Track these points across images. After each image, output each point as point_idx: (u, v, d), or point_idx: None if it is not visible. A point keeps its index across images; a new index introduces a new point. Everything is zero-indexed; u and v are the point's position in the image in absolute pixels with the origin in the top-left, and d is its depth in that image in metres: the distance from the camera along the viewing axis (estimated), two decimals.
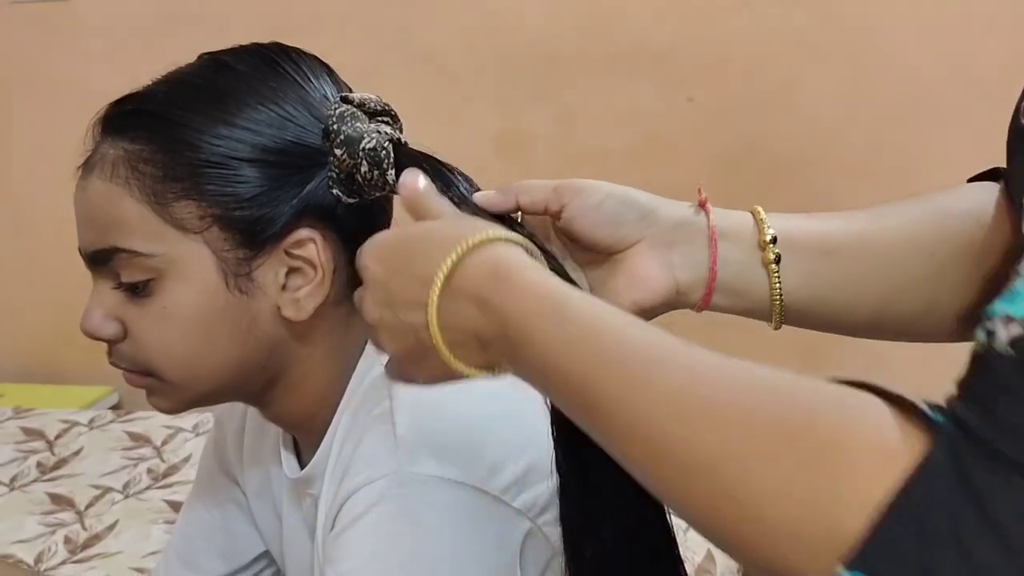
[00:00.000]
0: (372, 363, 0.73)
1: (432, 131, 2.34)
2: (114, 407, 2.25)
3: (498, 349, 0.53)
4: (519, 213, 0.65)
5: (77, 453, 1.87)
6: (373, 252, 0.58)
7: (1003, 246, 0.66)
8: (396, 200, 0.69)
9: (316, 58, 0.74)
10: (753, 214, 0.64)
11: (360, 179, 0.67)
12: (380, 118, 0.69)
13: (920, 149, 1.95)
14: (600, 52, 2.03)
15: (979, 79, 1.89)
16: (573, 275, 0.64)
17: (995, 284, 0.65)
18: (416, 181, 0.60)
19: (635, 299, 0.62)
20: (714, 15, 1.97)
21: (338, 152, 0.67)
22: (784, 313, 0.64)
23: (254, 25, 2.09)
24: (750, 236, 0.63)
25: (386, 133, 0.67)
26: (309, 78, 0.71)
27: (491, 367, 0.55)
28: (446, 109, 2.10)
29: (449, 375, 0.56)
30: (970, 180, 0.72)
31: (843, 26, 1.93)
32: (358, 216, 0.70)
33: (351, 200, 0.69)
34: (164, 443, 1.88)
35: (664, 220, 0.63)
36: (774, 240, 0.63)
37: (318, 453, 0.74)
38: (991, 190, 0.69)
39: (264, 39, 0.74)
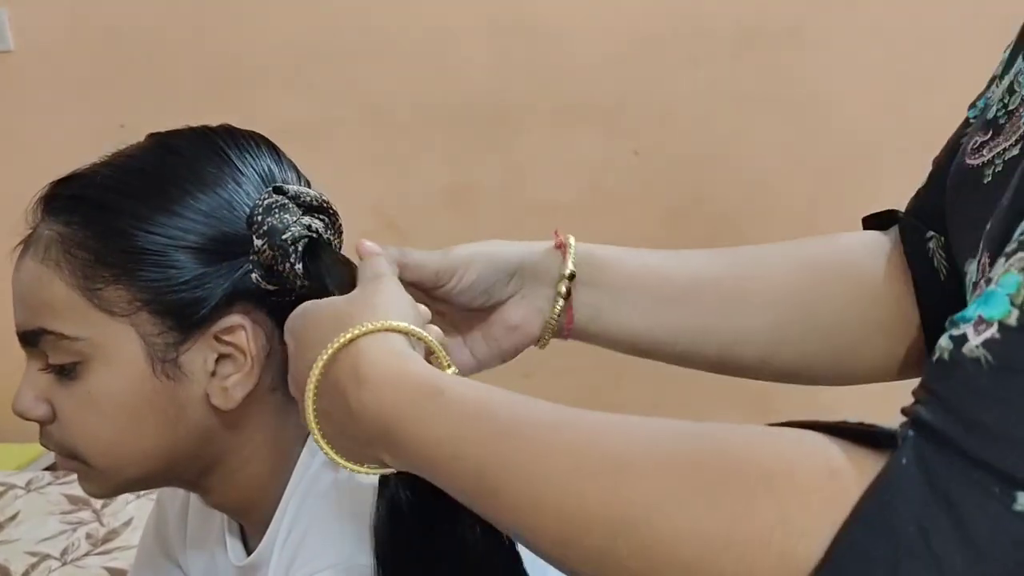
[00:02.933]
0: (316, 449, 0.72)
1: (381, 184, 2.35)
2: (51, 467, 2.18)
3: (381, 445, 0.53)
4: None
5: (13, 518, 1.80)
6: (288, 324, 0.61)
7: (899, 294, 0.68)
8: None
9: (266, 142, 0.73)
10: (563, 245, 0.69)
11: (279, 270, 0.66)
12: (317, 214, 0.68)
13: (858, 202, 1.98)
14: (548, 105, 2.05)
15: (915, 135, 1.94)
16: (449, 335, 0.68)
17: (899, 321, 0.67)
18: (366, 245, 0.64)
19: (514, 343, 0.69)
20: (661, 70, 2.00)
21: (258, 243, 0.66)
22: (626, 347, 0.70)
23: (200, 79, 2.08)
24: (591, 272, 0.69)
25: (311, 230, 0.66)
26: (252, 165, 0.70)
27: (382, 463, 0.55)
28: (394, 162, 2.11)
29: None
30: (865, 219, 0.75)
31: (786, 83, 1.98)
32: (294, 302, 0.67)
33: (270, 287, 0.68)
34: (104, 506, 1.82)
35: (529, 272, 0.69)
36: (572, 276, 0.68)
37: (264, 540, 0.72)
38: (870, 240, 0.71)
39: (211, 93, 0.74)
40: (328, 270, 0.65)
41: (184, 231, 0.66)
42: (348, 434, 0.54)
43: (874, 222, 0.74)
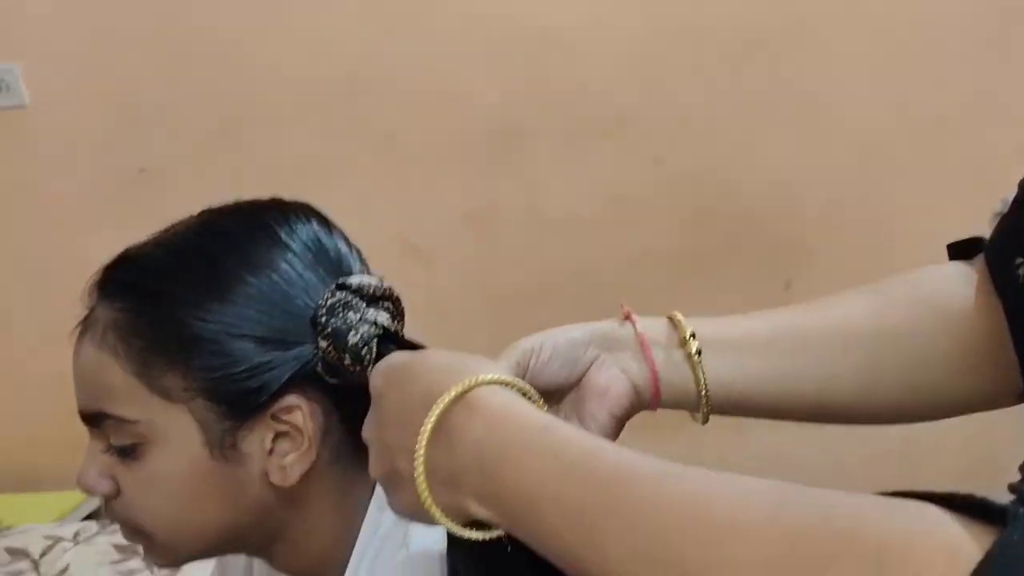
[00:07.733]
0: (383, 512, 0.72)
1: (402, 213, 2.36)
2: (92, 515, 2.18)
3: (472, 483, 0.51)
4: None
5: (64, 571, 1.81)
6: (385, 369, 0.59)
7: (989, 322, 0.66)
8: None
9: (316, 214, 0.73)
10: (670, 318, 0.67)
11: (343, 369, 0.66)
12: (381, 302, 0.68)
13: (879, 197, 1.98)
14: (559, 121, 2.05)
15: (927, 127, 1.93)
16: None
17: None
18: None
19: (610, 410, 0.64)
20: (666, 81, 2.00)
21: (323, 344, 0.66)
22: (719, 404, 0.66)
23: (210, 119, 2.09)
24: (673, 336, 0.66)
25: (378, 325, 0.65)
26: (307, 246, 0.70)
27: (463, 514, 0.52)
28: (412, 190, 2.11)
29: (419, 512, 0.54)
30: (950, 247, 0.72)
31: (792, 85, 1.98)
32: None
33: (333, 381, 0.68)
34: None
35: (602, 341, 0.66)
36: (693, 335, 0.65)
37: None
38: (954, 271, 0.70)
39: (219, 133, 0.74)
40: None
41: (239, 319, 0.67)
42: (442, 472, 0.52)
43: (959, 250, 0.72)
